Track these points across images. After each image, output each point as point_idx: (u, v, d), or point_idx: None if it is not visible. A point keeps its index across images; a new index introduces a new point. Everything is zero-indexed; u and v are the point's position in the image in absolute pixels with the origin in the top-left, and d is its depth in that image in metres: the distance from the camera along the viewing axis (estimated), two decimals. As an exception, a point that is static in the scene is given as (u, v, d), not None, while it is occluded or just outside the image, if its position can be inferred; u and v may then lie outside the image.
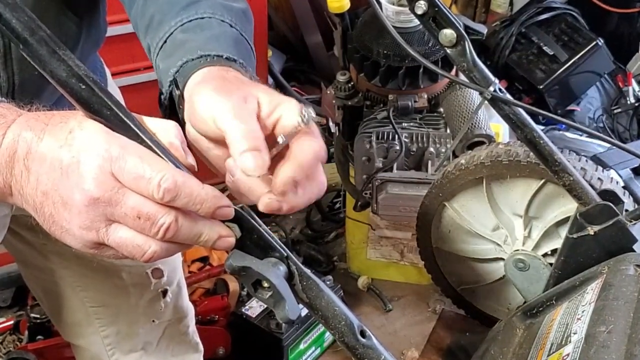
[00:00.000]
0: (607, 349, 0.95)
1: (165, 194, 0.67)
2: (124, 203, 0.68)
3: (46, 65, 0.68)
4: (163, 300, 1.56)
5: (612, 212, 1.17)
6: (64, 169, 0.67)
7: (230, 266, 0.73)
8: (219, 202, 0.70)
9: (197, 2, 0.97)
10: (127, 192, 0.68)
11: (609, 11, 3.09)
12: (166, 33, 0.95)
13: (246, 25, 0.99)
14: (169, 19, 0.96)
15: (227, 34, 0.95)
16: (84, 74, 0.68)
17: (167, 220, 0.68)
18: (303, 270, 0.76)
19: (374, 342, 0.77)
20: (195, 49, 0.90)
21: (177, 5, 0.97)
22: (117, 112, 0.69)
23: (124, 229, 0.69)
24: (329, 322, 0.76)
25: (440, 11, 1.10)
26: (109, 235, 0.69)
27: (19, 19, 0.67)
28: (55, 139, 0.68)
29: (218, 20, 0.95)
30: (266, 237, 0.74)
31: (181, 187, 0.68)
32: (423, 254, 1.61)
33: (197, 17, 0.95)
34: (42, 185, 0.69)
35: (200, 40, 0.92)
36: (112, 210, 0.68)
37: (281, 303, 0.72)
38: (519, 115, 1.16)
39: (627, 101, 3.07)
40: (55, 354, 2.17)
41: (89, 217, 0.68)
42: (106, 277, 1.48)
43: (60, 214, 0.69)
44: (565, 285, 1.22)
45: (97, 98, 0.68)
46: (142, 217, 0.68)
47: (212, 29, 0.94)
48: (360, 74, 2.25)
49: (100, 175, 0.67)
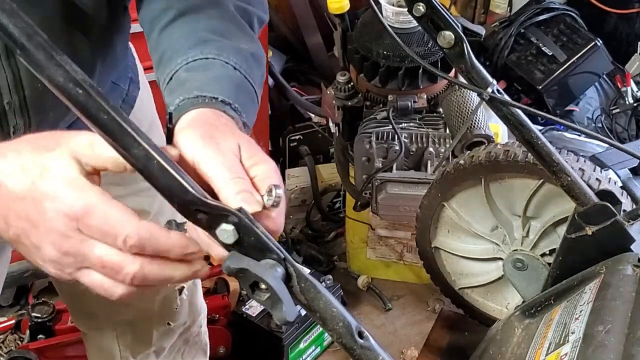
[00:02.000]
0: (605, 348, 0.96)
1: (132, 249, 0.71)
2: (90, 254, 0.71)
3: (44, 70, 0.68)
4: (179, 297, 1.56)
5: (610, 213, 1.17)
6: (31, 221, 0.71)
7: (227, 268, 0.73)
8: (185, 251, 0.73)
9: (206, 42, 0.97)
10: (93, 243, 0.71)
11: (607, 12, 3.10)
12: (172, 70, 0.96)
13: (253, 67, 0.99)
14: (177, 56, 0.97)
15: (228, 76, 0.95)
16: (82, 78, 0.68)
17: (132, 269, 0.71)
18: (301, 271, 0.76)
19: (372, 343, 0.77)
20: (192, 89, 0.90)
21: (186, 43, 0.98)
22: (114, 116, 0.69)
23: (93, 273, 0.73)
24: (327, 324, 0.76)
25: (438, 13, 1.11)
26: (80, 277, 0.74)
27: (16, 25, 0.67)
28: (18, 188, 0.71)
29: (222, 62, 0.95)
30: (264, 239, 0.74)
31: (146, 241, 0.71)
32: (422, 253, 1.61)
33: (202, 57, 0.95)
34: (12, 229, 0.73)
35: (200, 81, 0.92)
36: (81, 259, 0.72)
37: (279, 305, 0.72)
38: (517, 116, 1.16)
39: (625, 101, 3.08)
40: (56, 353, 2.18)
41: (60, 265, 0.73)
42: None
43: (35, 255, 0.74)
44: (563, 285, 1.23)
45: (94, 102, 0.68)
46: (107, 266, 0.72)
47: (214, 70, 0.95)
48: (360, 75, 2.25)
49: (67, 231, 0.70)
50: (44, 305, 2.22)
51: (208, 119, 0.86)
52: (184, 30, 1.00)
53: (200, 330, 1.74)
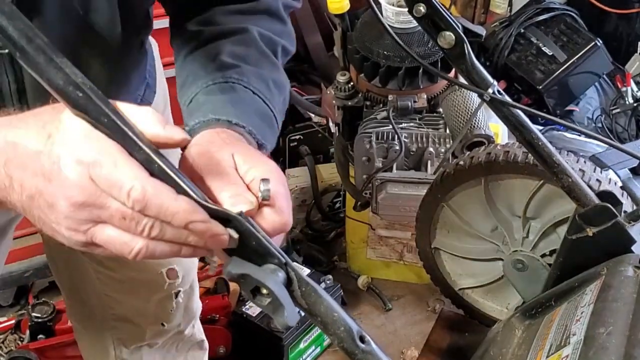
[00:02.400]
0: (606, 350, 0.96)
1: (135, 204, 0.67)
2: (108, 206, 0.68)
3: (43, 73, 0.67)
4: (175, 300, 1.56)
5: (611, 214, 1.17)
6: (46, 175, 0.68)
7: (229, 273, 0.72)
8: (190, 217, 0.69)
9: (228, 66, 0.99)
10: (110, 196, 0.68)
11: (607, 12, 3.10)
12: (193, 93, 0.98)
13: (274, 93, 1.01)
14: (198, 79, 0.98)
15: (246, 100, 0.96)
16: (82, 81, 0.67)
17: (151, 220, 0.69)
18: (302, 276, 0.75)
19: (374, 347, 0.76)
20: (208, 112, 0.92)
21: (208, 67, 0.99)
22: (115, 120, 0.68)
23: (110, 228, 0.70)
24: (328, 328, 0.76)
25: (438, 13, 1.10)
26: (95, 235, 0.70)
27: (15, 27, 0.66)
28: (33, 145, 0.69)
29: (242, 86, 0.97)
30: (264, 244, 0.73)
31: (151, 198, 0.68)
32: (422, 254, 1.61)
33: (222, 81, 0.97)
34: (26, 190, 0.70)
35: (216, 104, 0.93)
36: (98, 213, 0.69)
37: (280, 309, 0.72)
38: (517, 116, 1.16)
39: (625, 101, 3.08)
40: (56, 353, 2.18)
41: (75, 220, 0.69)
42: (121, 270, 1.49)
43: (48, 216, 0.70)
44: (564, 286, 1.23)
45: (94, 106, 0.67)
46: (127, 217, 0.68)
47: (232, 93, 0.96)
48: (360, 75, 2.25)
49: (81, 181, 0.67)
50: (44, 305, 2.22)
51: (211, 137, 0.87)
52: (208, 55, 1.02)
53: (194, 330, 1.74)
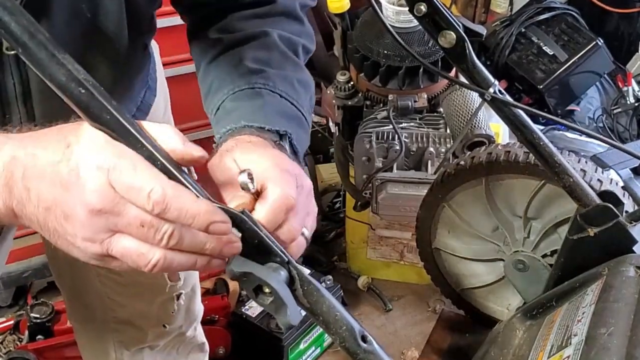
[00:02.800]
0: (608, 350, 0.95)
1: (155, 207, 0.67)
2: (126, 213, 0.67)
3: (45, 69, 0.67)
4: (176, 303, 1.56)
5: (612, 214, 1.17)
6: (63, 184, 0.67)
7: (231, 272, 0.72)
8: (212, 218, 0.69)
9: (253, 72, 1.00)
10: (128, 202, 0.67)
11: (608, 11, 3.09)
12: (219, 100, 0.99)
13: (300, 93, 1.02)
14: (224, 87, 1.00)
15: (275, 104, 0.97)
16: (84, 78, 0.67)
17: (171, 227, 0.68)
18: (304, 275, 0.75)
19: (375, 347, 0.76)
20: (239, 118, 0.93)
21: (233, 74, 1.00)
22: (117, 116, 0.68)
23: (127, 238, 0.68)
24: (330, 327, 0.75)
25: (439, 13, 1.10)
26: (112, 245, 0.69)
27: (17, 23, 0.66)
28: (52, 155, 0.68)
29: (269, 90, 0.98)
30: (267, 242, 0.73)
31: (171, 200, 0.67)
32: (422, 254, 1.61)
33: (248, 87, 0.98)
34: (43, 202, 0.69)
35: (246, 110, 0.95)
36: (115, 221, 0.67)
37: (282, 308, 0.72)
38: (518, 116, 1.16)
39: (626, 101, 3.07)
40: (55, 353, 2.17)
41: (92, 229, 0.68)
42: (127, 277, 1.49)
43: (64, 227, 0.69)
44: (565, 286, 1.22)
45: (96, 102, 0.67)
46: (145, 225, 0.67)
47: (261, 99, 0.97)
48: (360, 74, 2.25)
49: (99, 187, 0.66)
50: (42, 306, 2.22)
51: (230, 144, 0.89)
52: (231, 62, 1.03)
53: (195, 332, 1.75)
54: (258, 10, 1.09)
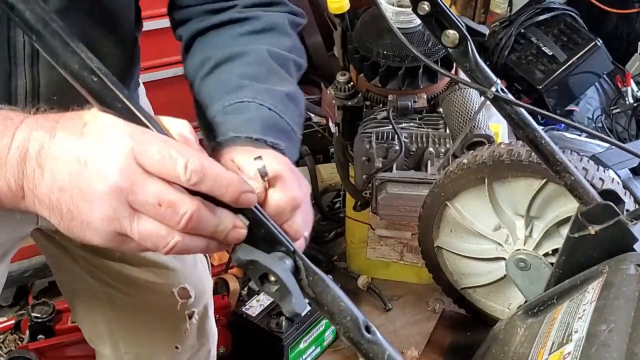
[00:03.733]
0: (608, 347, 0.96)
1: (193, 175, 0.66)
2: (145, 190, 0.66)
3: (59, 57, 0.67)
4: (189, 322, 1.53)
5: (613, 212, 1.17)
6: (81, 161, 0.66)
7: (237, 259, 0.73)
8: (243, 187, 0.70)
9: (241, 87, 1.00)
10: (149, 178, 0.67)
11: (607, 12, 3.10)
12: (211, 117, 0.99)
13: (289, 106, 1.02)
14: (214, 103, 1.00)
15: (263, 117, 0.97)
16: (97, 66, 0.67)
17: (190, 208, 0.67)
18: (309, 265, 0.76)
19: (379, 337, 0.77)
20: (228, 131, 0.93)
21: (222, 90, 1.01)
22: (128, 105, 0.68)
23: (147, 220, 0.68)
24: (334, 318, 0.76)
25: (443, 12, 1.11)
26: (132, 225, 0.68)
27: (32, 11, 0.66)
28: (69, 134, 0.68)
29: (257, 104, 0.98)
30: (274, 232, 0.74)
31: (208, 169, 0.67)
32: (424, 253, 1.61)
33: (237, 102, 0.98)
34: (58, 181, 0.67)
35: (235, 123, 0.95)
36: (133, 198, 0.67)
37: (288, 297, 0.72)
38: (520, 115, 1.16)
39: (625, 101, 3.08)
40: (56, 353, 2.17)
41: (112, 206, 0.67)
42: (131, 292, 1.47)
43: (80, 207, 0.68)
44: (566, 284, 1.22)
45: (108, 91, 0.68)
46: (163, 204, 0.67)
47: (249, 112, 0.97)
48: (360, 75, 2.25)
49: (122, 162, 0.66)
50: (43, 306, 2.21)
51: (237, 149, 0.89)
52: (220, 78, 1.04)
53: (209, 355, 1.70)
54: (247, 27, 1.10)
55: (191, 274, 1.51)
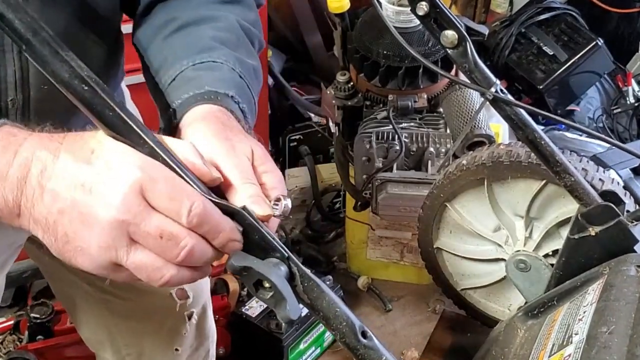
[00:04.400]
0: (609, 349, 0.95)
1: (194, 219, 0.68)
2: (148, 222, 0.67)
3: (48, 65, 0.67)
4: (188, 323, 1.53)
5: (614, 213, 1.16)
6: (86, 187, 0.67)
7: (231, 266, 0.73)
8: (233, 236, 0.72)
9: (212, 49, 1.00)
10: (153, 211, 0.67)
11: (608, 11, 3.10)
12: (177, 71, 0.98)
13: (254, 80, 1.03)
14: (182, 59, 0.99)
15: (235, 80, 0.97)
16: (87, 75, 0.68)
17: (190, 242, 0.68)
18: (304, 271, 0.75)
19: (376, 342, 0.76)
20: (203, 85, 0.92)
21: (191, 49, 1.00)
22: (119, 113, 0.68)
23: (144, 251, 0.68)
24: (330, 323, 0.76)
25: (441, 12, 1.10)
26: (129, 255, 0.68)
27: (21, 20, 0.66)
28: (75, 158, 0.68)
29: (229, 67, 0.98)
30: (268, 238, 0.74)
31: (208, 215, 0.69)
32: (424, 254, 1.60)
33: (210, 60, 0.98)
34: (58, 203, 0.67)
35: (209, 79, 0.94)
36: (135, 229, 0.67)
37: (282, 303, 0.72)
38: (520, 115, 1.15)
39: (626, 101, 3.08)
40: (55, 354, 2.17)
41: (111, 235, 0.67)
42: (130, 297, 1.47)
43: (77, 232, 0.68)
44: (566, 286, 1.22)
45: (99, 99, 0.68)
46: (164, 236, 0.68)
47: (222, 72, 0.97)
48: (360, 74, 2.25)
49: (129, 193, 0.66)
50: (42, 306, 2.22)
51: (220, 117, 0.87)
52: (189, 38, 1.02)
53: (208, 354, 1.69)
54: None
55: None
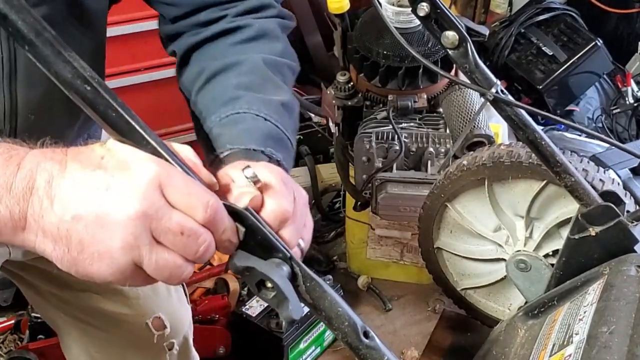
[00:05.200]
0: (609, 349, 0.95)
1: (209, 216, 0.68)
2: (169, 218, 0.67)
3: (51, 66, 0.67)
4: (168, 353, 1.50)
5: (614, 213, 1.17)
6: (101, 188, 0.66)
7: (234, 266, 0.73)
8: (233, 236, 0.72)
9: (237, 98, 1.01)
10: (172, 207, 0.67)
11: (608, 12, 3.10)
12: (208, 129, 1.00)
13: (284, 116, 1.03)
14: (211, 115, 1.01)
15: (258, 127, 0.99)
16: (90, 75, 0.68)
17: (208, 237, 0.69)
18: (306, 271, 0.76)
19: (377, 342, 0.77)
20: (225, 143, 0.95)
21: (219, 101, 1.02)
22: (122, 113, 0.69)
23: (165, 249, 0.68)
24: (332, 323, 0.76)
25: (442, 13, 1.10)
26: (151, 254, 0.67)
27: (24, 20, 0.67)
28: (83, 166, 0.67)
29: (253, 115, 0.99)
30: (270, 238, 0.74)
31: (221, 212, 0.70)
32: (424, 254, 1.61)
33: (233, 113, 0.99)
34: (71, 210, 0.66)
35: (232, 135, 0.97)
36: (157, 225, 0.67)
37: (284, 303, 0.72)
38: (520, 116, 1.16)
39: (626, 101, 3.08)
40: (56, 353, 2.17)
41: (134, 233, 0.66)
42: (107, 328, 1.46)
43: (96, 236, 0.66)
44: (566, 285, 1.22)
45: (102, 99, 0.68)
46: (185, 232, 0.68)
47: (245, 123, 0.98)
48: (360, 74, 2.25)
49: (149, 189, 0.66)
50: (43, 306, 2.21)
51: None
52: (216, 90, 1.04)
53: None
54: (240, 36, 1.10)
55: (165, 303, 1.48)
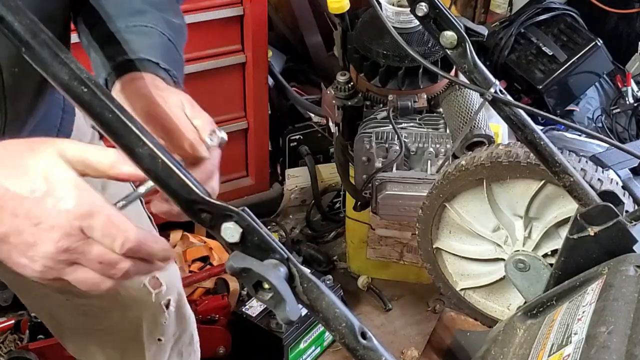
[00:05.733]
0: (608, 349, 0.96)
1: (127, 252, 0.75)
2: (88, 252, 0.74)
3: (48, 67, 0.68)
4: (167, 311, 1.51)
5: (613, 213, 1.17)
6: (31, 219, 0.72)
7: (231, 267, 0.74)
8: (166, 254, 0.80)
9: (144, 12, 1.10)
10: (93, 243, 0.74)
11: (608, 11, 3.10)
12: (113, 28, 1.08)
13: (180, 40, 1.15)
14: (117, 18, 1.09)
15: (165, 45, 1.10)
16: (86, 77, 0.68)
17: (126, 265, 0.76)
18: (304, 272, 0.76)
19: (375, 343, 0.77)
20: (137, 51, 1.04)
21: (126, 8, 1.10)
22: (119, 115, 0.69)
23: (84, 270, 0.76)
24: (329, 324, 0.76)
25: (441, 13, 1.10)
26: (66, 274, 0.76)
27: (21, 22, 0.67)
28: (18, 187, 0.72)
29: (159, 32, 1.10)
30: (267, 239, 0.75)
31: (141, 246, 0.76)
32: (424, 254, 1.61)
33: (142, 25, 1.09)
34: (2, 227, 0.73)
35: (142, 45, 1.06)
36: (78, 257, 0.74)
37: (282, 304, 0.73)
38: (519, 116, 1.16)
39: (626, 101, 3.08)
40: (56, 353, 2.17)
41: (54, 262, 0.74)
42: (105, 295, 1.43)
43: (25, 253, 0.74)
44: (565, 285, 1.22)
45: (99, 101, 0.69)
46: (104, 262, 0.75)
47: (153, 38, 1.09)
48: (360, 74, 2.25)
49: (69, 229, 0.72)
50: (43, 306, 2.21)
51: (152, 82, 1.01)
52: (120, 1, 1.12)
53: (192, 339, 1.68)
54: None
55: None
